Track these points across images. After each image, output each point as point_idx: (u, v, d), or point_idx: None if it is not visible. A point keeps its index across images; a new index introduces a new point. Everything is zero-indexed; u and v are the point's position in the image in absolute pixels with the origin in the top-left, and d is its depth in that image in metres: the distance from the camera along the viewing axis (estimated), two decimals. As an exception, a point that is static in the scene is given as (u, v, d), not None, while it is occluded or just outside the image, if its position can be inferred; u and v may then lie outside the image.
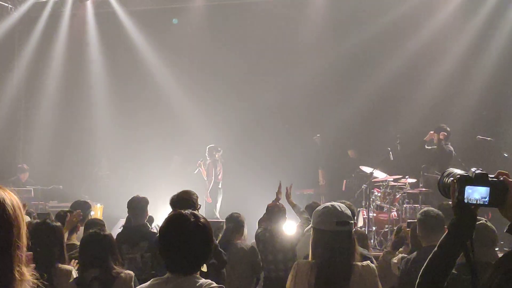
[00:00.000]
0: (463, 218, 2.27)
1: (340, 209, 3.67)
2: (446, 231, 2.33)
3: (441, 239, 2.33)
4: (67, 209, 6.99)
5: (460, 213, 2.27)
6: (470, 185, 2.23)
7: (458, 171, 2.33)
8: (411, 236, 5.96)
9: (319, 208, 3.79)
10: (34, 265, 1.98)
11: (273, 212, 7.06)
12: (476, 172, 2.24)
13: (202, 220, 2.84)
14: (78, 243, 6.35)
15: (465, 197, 2.23)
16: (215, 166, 14.44)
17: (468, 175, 2.26)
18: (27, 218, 5.89)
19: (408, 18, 13.95)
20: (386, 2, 14.20)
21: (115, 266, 4.71)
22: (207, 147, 14.53)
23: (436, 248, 2.33)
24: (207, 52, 15.71)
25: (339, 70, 14.70)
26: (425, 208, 5.90)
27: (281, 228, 7.02)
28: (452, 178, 2.30)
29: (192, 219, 2.81)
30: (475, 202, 2.23)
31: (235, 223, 7.14)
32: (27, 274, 1.86)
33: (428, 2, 14.23)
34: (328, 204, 3.77)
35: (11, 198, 1.86)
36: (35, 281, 1.91)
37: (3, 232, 1.81)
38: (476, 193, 2.23)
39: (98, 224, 6.78)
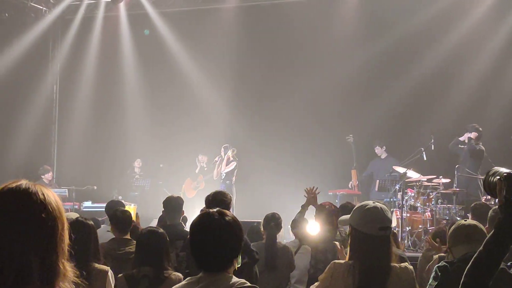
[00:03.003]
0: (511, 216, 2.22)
1: (382, 213, 3.58)
2: (493, 230, 2.28)
3: (486, 238, 2.29)
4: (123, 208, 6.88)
5: (508, 211, 2.21)
6: None
7: (505, 170, 2.28)
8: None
9: (360, 207, 3.66)
10: (73, 263, 1.98)
11: (330, 211, 6.94)
12: None
13: (228, 218, 2.83)
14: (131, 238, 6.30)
15: None
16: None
17: None
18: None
19: (443, 17, 13.79)
20: (420, 0, 14.07)
21: (167, 267, 4.74)
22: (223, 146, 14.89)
23: (481, 247, 2.29)
24: (238, 52, 15.73)
25: (372, 69, 14.63)
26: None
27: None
28: (498, 177, 2.26)
29: (218, 217, 2.81)
30: None
31: (277, 222, 7.16)
32: (69, 269, 1.87)
33: (462, 0, 14.06)
34: (370, 204, 3.65)
35: (52, 194, 1.89)
36: (76, 279, 1.91)
37: (50, 224, 1.83)
38: None
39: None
